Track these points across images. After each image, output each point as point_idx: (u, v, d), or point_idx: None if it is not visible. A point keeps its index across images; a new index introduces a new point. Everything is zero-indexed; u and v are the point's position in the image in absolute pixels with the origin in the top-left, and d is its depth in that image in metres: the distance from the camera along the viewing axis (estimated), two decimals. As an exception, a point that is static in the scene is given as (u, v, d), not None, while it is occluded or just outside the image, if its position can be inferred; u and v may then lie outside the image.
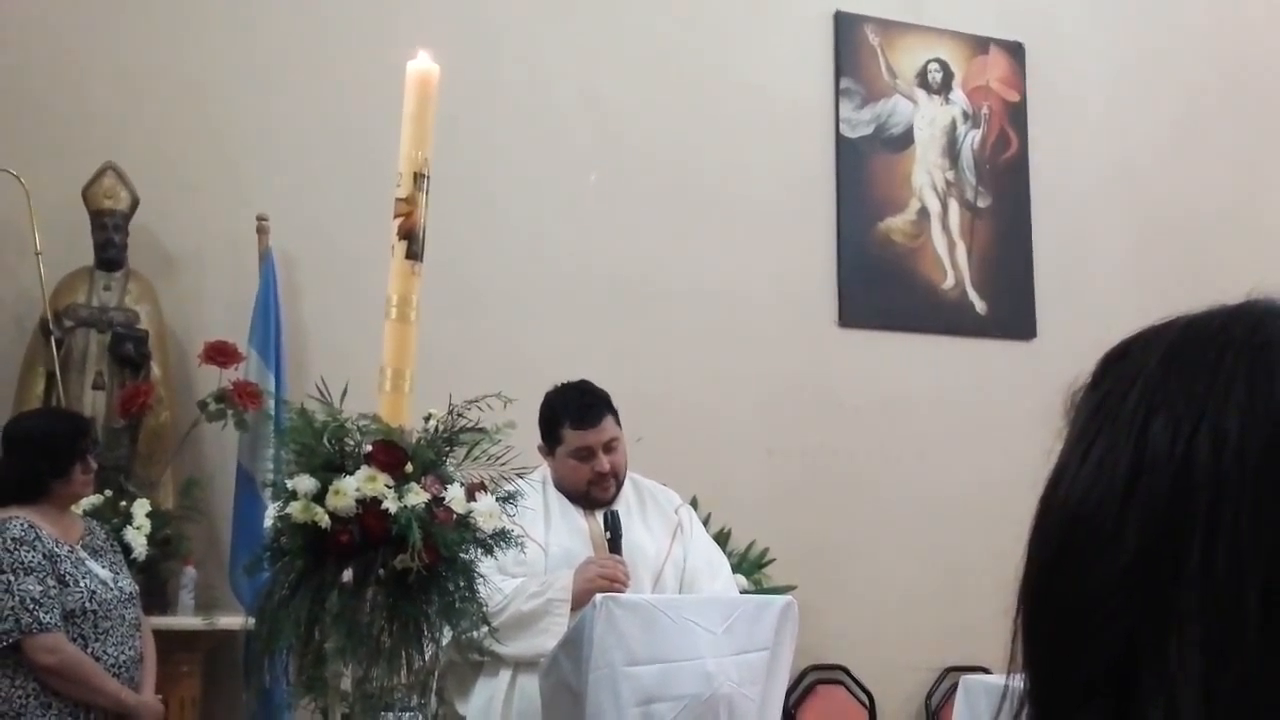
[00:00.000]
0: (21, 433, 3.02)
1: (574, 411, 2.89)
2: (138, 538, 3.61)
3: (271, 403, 3.86)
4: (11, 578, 2.78)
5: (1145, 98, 5.49)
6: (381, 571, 2.04)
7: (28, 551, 2.82)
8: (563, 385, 2.98)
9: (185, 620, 3.77)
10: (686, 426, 4.54)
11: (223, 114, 4.31)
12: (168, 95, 4.27)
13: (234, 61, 4.35)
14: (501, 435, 2.18)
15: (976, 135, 5.24)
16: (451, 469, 2.17)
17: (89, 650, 2.86)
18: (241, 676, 3.91)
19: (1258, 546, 0.51)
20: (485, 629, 2.23)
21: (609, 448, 2.89)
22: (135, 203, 4.05)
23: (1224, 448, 0.52)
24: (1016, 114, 5.32)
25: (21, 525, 2.85)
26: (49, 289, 3.88)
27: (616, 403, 2.97)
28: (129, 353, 3.88)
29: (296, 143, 4.37)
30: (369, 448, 2.09)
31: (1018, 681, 0.60)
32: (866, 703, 4.71)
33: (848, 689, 4.71)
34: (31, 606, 2.77)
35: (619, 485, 2.93)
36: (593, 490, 2.89)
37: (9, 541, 2.81)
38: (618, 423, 2.93)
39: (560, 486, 2.93)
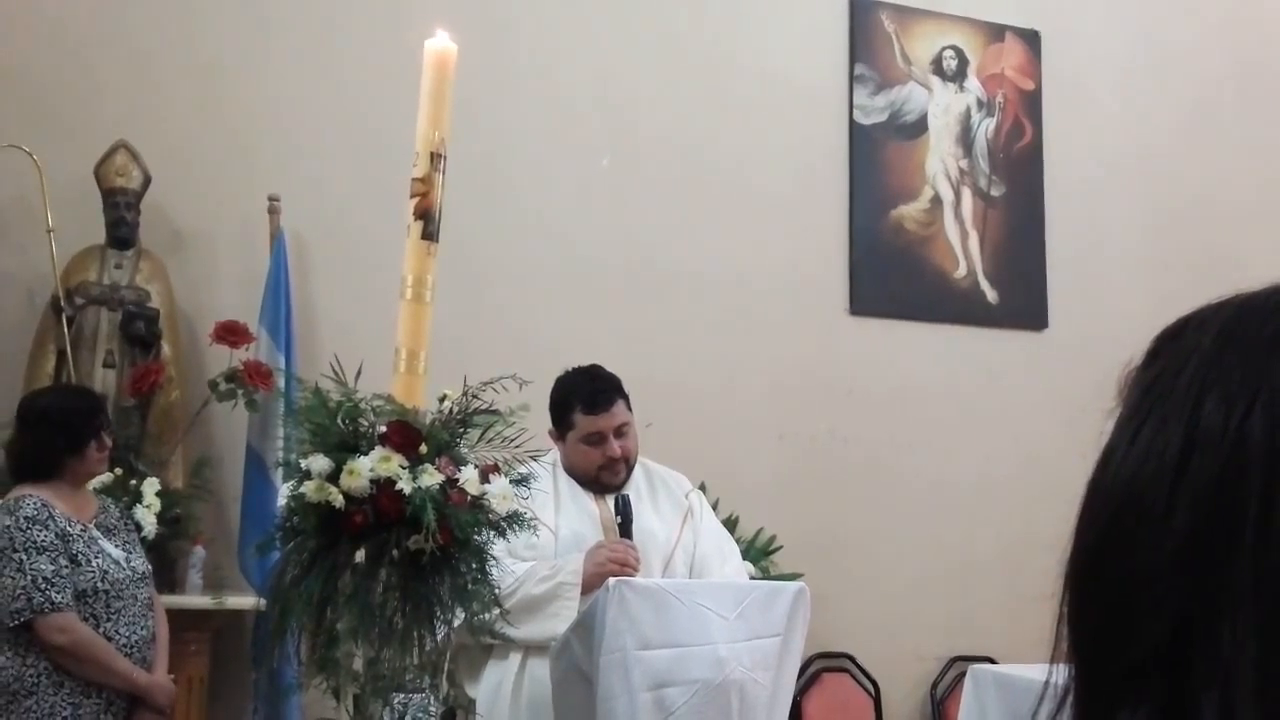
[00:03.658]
0: (38, 410, 3.00)
1: (585, 396, 2.89)
2: (147, 516, 3.62)
3: (282, 383, 3.86)
4: (24, 556, 2.78)
5: (1160, 87, 5.46)
6: (395, 552, 2.03)
7: (40, 530, 2.81)
8: (573, 370, 2.98)
9: (194, 599, 3.77)
10: (696, 412, 4.54)
11: (235, 93, 4.30)
12: (180, 73, 4.26)
13: (247, 40, 4.34)
14: (516, 418, 2.17)
15: (991, 124, 5.21)
16: (465, 451, 2.17)
17: (101, 630, 2.85)
18: (249, 656, 3.92)
19: None
20: (497, 611, 2.22)
21: (620, 432, 2.88)
22: (147, 181, 4.04)
23: (1278, 427, 0.51)
24: (1031, 103, 5.29)
25: (35, 504, 2.84)
26: (60, 267, 3.88)
27: (627, 387, 2.97)
28: (140, 331, 3.88)
29: (309, 122, 4.35)
30: (383, 428, 2.08)
31: (1058, 674, 0.58)
32: (872, 691, 4.71)
33: (853, 677, 4.71)
34: (43, 586, 2.77)
35: (629, 470, 2.94)
36: (603, 475, 2.89)
37: (21, 520, 2.80)
38: (628, 407, 2.93)
39: (571, 471, 2.93)
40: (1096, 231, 5.30)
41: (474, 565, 2.14)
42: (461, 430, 2.18)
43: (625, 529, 2.77)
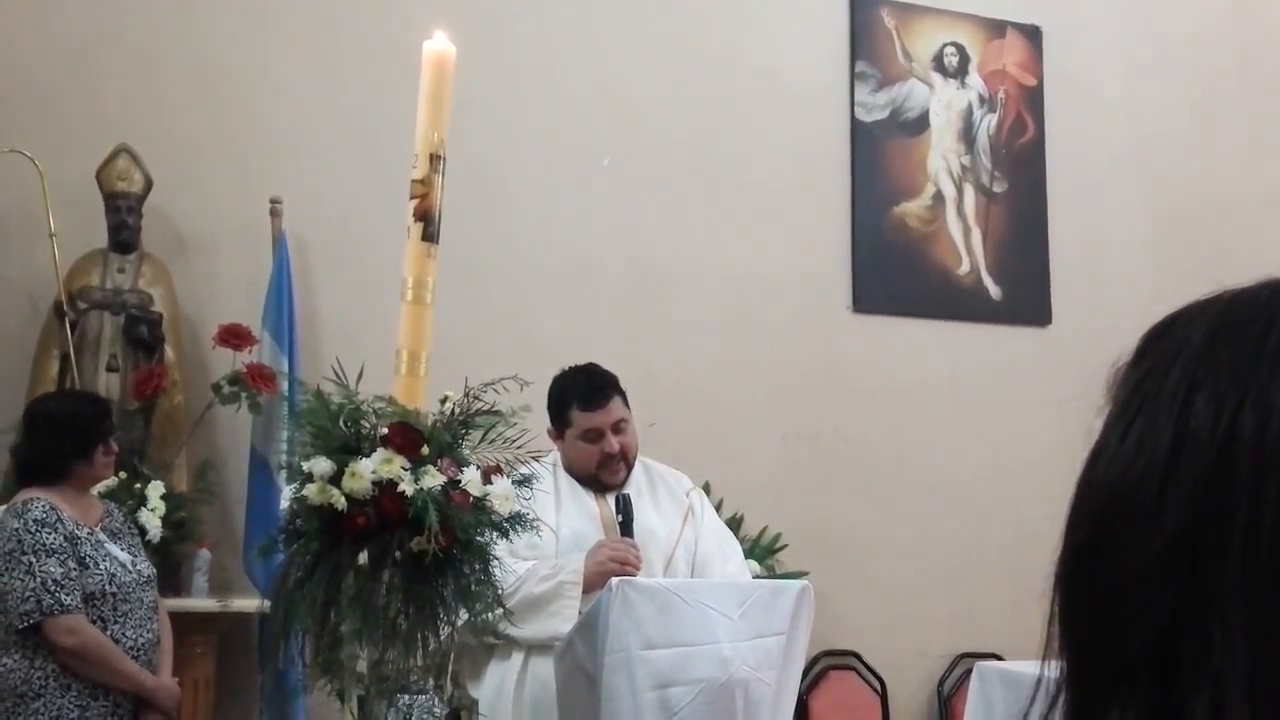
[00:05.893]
0: (45, 414, 3.02)
1: (582, 393, 2.89)
2: (152, 520, 3.63)
3: (285, 385, 3.86)
4: (33, 559, 2.79)
5: (1162, 82, 5.44)
6: (398, 554, 2.04)
7: (49, 533, 2.82)
8: (570, 368, 2.99)
9: (199, 602, 3.78)
10: (699, 411, 4.54)
11: (236, 96, 4.30)
12: (181, 77, 4.26)
13: (248, 43, 4.35)
14: (517, 418, 2.17)
15: (992, 120, 5.21)
16: (467, 452, 2.17)
17: (108, 632, 2.87)
18: (255, 658, 3.93)
19: None
20: (500, 611, 2.22)
21: (617, 428, 2.89)
22: (149, 185, 4.05)
23: (1267, 424, 0.51)
24: (1033, 98, 5.28)
25: (43, 507, 2.86)
26: (63, 271, 3.89)
27: (629, 387, 2.97)
28: (143, 335, 3.89)
29: (310, 125, 4.36)
30: (385, 430, 2.09)
31: (1051, 669, 0.58)
32: (878, 689, 4.71)
33: (859, 675, 4.71)
34: (52, 588, 2.78)
35: (629, 467, 2.93)
36: (602, 473, 2.90)
37: (30, 523, 2.82)
38: (626, 404, 2.93)
39: (570, 470, 2.93)
40: (1100, 226, 5.29)
41: (477, 566, 2.14)
42: (463, 431, 2.18)
43: (626, 527, 2.77)
